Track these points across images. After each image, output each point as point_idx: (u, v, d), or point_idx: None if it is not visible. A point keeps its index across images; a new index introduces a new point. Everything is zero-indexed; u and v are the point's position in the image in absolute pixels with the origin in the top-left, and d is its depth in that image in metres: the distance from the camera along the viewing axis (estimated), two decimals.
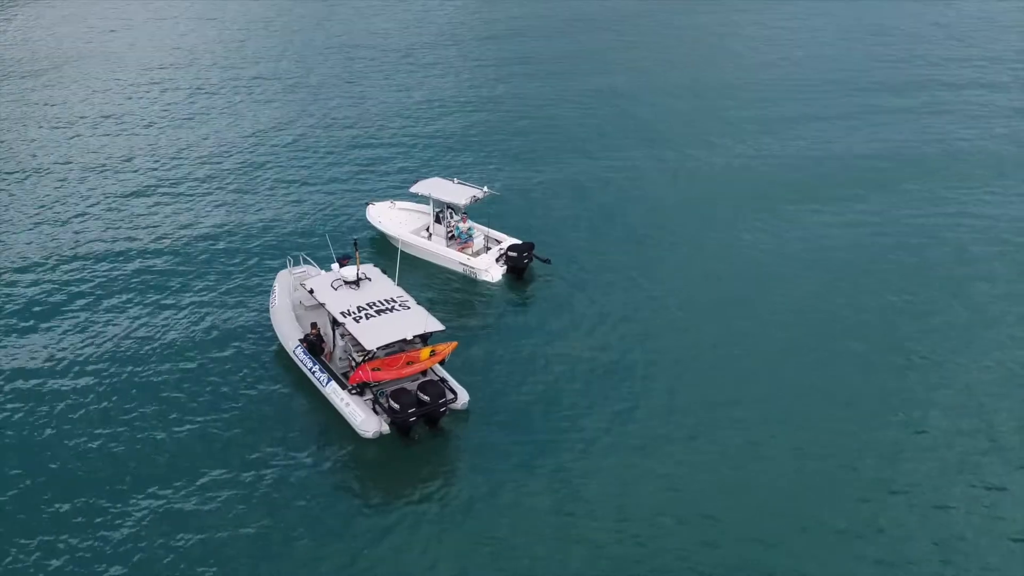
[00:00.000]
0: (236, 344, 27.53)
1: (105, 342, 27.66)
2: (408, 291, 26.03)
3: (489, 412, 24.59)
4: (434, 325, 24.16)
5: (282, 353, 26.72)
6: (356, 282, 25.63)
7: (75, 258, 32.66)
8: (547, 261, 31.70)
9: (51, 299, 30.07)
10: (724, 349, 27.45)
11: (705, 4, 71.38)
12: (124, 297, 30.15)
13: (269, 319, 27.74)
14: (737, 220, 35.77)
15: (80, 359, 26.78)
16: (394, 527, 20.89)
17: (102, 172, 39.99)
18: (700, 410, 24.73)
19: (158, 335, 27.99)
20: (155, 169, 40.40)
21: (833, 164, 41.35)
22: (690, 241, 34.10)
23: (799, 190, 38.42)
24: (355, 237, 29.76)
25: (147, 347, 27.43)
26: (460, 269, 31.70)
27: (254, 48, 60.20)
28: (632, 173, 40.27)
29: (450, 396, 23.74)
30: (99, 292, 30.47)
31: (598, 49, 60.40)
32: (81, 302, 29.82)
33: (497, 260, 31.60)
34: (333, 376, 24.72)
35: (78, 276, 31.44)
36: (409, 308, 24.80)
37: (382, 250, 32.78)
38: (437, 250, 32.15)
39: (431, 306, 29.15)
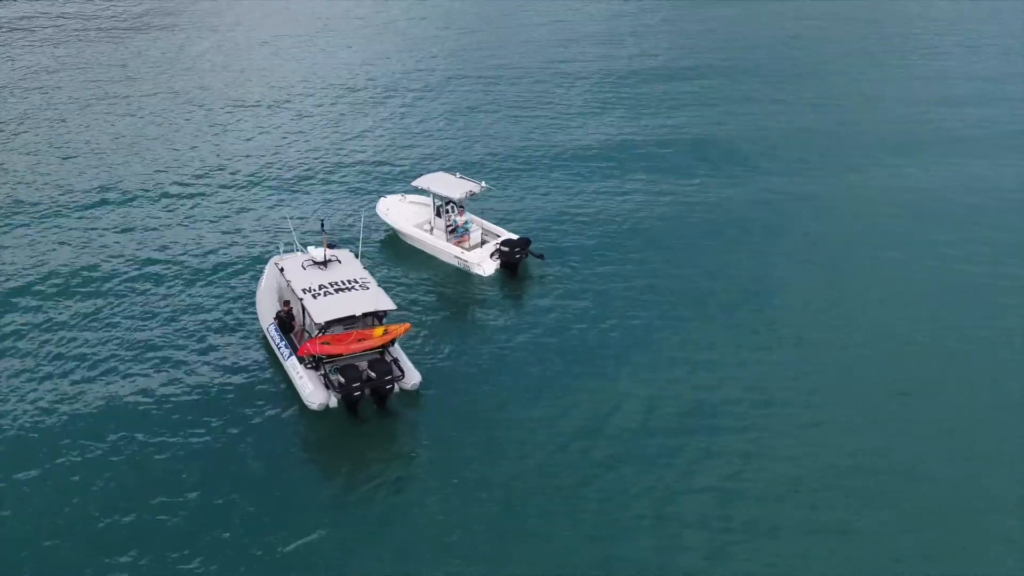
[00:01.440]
0: (221, 321, 28.62)
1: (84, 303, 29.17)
2: (401, 282, 26.30)
3: (446, 400, 24.78)
4: (385, 304, 24.64)
5: (262, 332, 27.73)
6: (324, 263, 26.43)
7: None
8: (541, 257, 31.74)
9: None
10: (712, 355, 26.72)
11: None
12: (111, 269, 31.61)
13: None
14: (730, 222, 35.19)
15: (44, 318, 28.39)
16: (330, 502, 21.25)
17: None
18: (673, 421, 24.02)
19: (150, 306, 29.30)
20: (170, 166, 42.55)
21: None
22: (686, 243, 33.52)
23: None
24: (321, 218, 30.45)
25: (131, 315, 28.76)
26: (455, 262, 32.13)
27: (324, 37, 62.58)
28: (634, 175, 40.02)
29: (398, 373, 24.12)
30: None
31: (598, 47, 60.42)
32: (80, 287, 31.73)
33: (491, 255, 31.87)
34: (295, 351, 25.50)
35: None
36: (368, 288, 25.37)
37: (389, 243, 33.66)
38: (434, 243, 32.64)
39: (420, 297, 29.84)
